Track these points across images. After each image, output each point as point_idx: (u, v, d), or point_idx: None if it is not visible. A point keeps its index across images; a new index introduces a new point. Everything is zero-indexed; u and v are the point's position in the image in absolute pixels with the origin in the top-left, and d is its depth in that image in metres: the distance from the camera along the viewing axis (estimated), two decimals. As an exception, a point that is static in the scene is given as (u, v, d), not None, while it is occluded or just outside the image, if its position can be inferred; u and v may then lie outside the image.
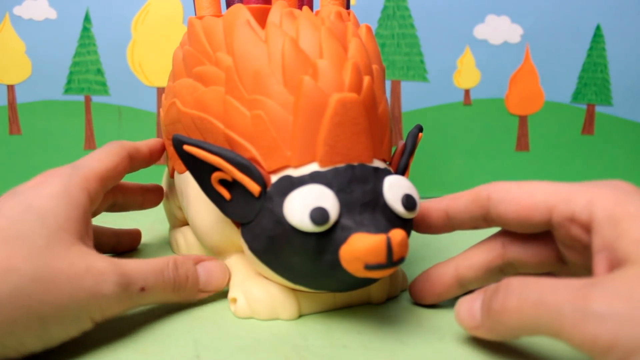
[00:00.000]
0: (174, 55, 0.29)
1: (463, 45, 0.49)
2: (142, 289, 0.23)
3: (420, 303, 0.26)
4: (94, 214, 0.30)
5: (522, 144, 0.51)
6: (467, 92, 0.50)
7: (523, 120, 0.50)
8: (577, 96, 0.50)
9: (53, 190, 0.23)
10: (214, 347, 0.22)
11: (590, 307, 0.17)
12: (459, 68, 0.50)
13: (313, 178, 0.22)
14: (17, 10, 0.47)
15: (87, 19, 0.47)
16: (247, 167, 0.23)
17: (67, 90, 0.48)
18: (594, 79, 0.50)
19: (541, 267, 0.24)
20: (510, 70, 0.50)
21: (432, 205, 0.25)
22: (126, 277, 0.22)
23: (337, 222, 0.21)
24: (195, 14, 0.32)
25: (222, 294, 0.27)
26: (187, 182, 0.28)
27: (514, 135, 0.51)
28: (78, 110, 0.48)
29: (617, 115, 0.50)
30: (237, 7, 0.26)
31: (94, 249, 0.23)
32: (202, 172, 0.24)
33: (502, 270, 0.24)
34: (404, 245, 0.21)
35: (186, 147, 0.23)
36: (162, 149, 0.32)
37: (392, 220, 0.22)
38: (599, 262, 0.19)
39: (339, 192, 0.22)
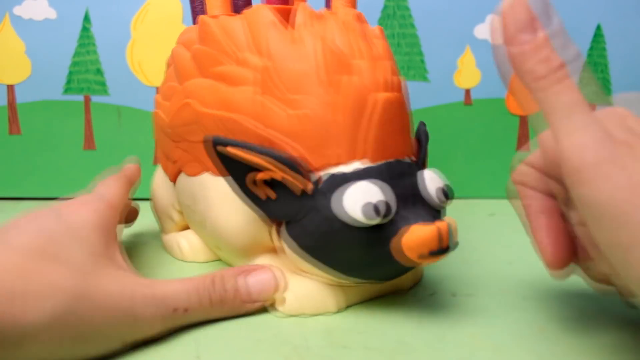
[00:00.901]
0: (177, 55, 0.29)
1: (463, 44, 0.49)
2: (186, 310, 0.23)
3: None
4: None
5: (523, 144, 0.51)
6: (467, 91, 0.50)
7: (524, 120, 0.50)
8: (577, 96, 0.50)
9: (90, 221, 0.24)
10: (214, 347, 0.22)
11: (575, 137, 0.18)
12: (459, 68, 0.49)
13: (364, 173, 0.23)
14: (17, 10, 0.47)
15: (86, 18, 0.47)
16: (294, 166, 0.23)
17: (67, 90, 0.48)
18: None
19: None
20: (511, 70, 0.50)
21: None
22: (166, 299, 0.22)
23: (395, 214, 0.23)
24: (206, 13, 0.32)
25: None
26: (206, 185, 0.28)
27: (515, 135, 0.50)
28: (77, 110, 0.48)
29: (618, 115, 0.50)
30: (259, 7, 0.26)
31: (131, 271, 0.23)
32: (242, 173, 0.24)
33: None
34: (456, 231, 0.23)
35: (228, 149, 0.23)
36: (139, 168, 0.33)
37: (434, 210, 0.24)
38: None
39: (392, 185, 0.23)
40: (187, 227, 0.34)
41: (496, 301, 0.27)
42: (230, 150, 0.23)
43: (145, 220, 0.36)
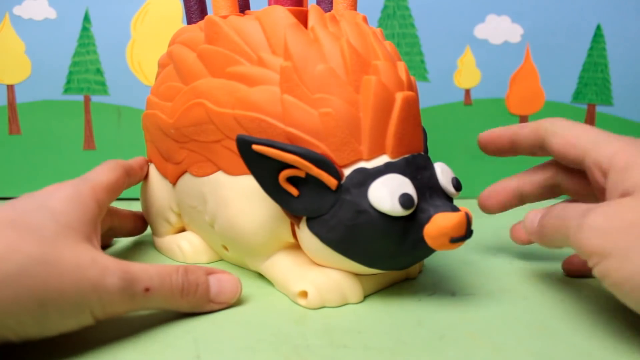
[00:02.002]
0: (178, 55, 0.29)
1: (463, 44, 0.49)
2: (147, 290, 0.23)
3: (486, 211, 0.32)
4: None
5: (522, 143, 0.51)
6: (467, 91, 0.50)
7: (524, 120, 0.50)
8: (577, 96, 0.50)
9: (65, 195, 0.24)
10: (214, 347, 0.22)
11: (583, 222, 0.21)
12: (459, 68, 0.49)
13: (389, 168, 0.24)
14: (17, 10, 0.47)
15: (86, 18, 0.47)
16: (324, 162, 0.24)
17: (67, 90, 0.48)
18: (594, 78, 0.50)
19: (578, 196, 0.29)
20: (511, 70, 0.50)
21: (501, 131, 0.30)
22: (130, 274, 0.22)
23: (416, 205, 0.24)
24: (204, 13, 0.32)
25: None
26: (220, 184, 0.28)
27: (515, 135, 0.50)
28: (77, 110, 0.48)
29: (618, 115, 0.50)
30: (274, 8, 0.26)
31: (101, 251, 0.23)
32: (268, 171, 0.24)
33: (552, 190, 0.30)
34: (472, 219, 0.24)
35: (256, 147, 0.23)
36: (147, 166, 0.34)
37: (448, 199, 0.26)
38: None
39: (412, 179, 0.24)
40: (182, 230, 0.34)
41: (496, 301, 0.27)
42: (258, 148, 0.23)
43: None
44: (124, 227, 0.34)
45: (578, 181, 0.29)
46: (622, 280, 0.20)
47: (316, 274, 0.26)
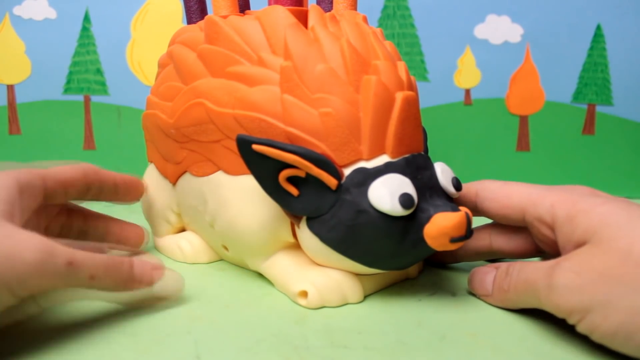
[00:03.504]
0: (178, 54, 0.29)
1: (463, 44, 0.49)
2: (70, 263, 0.22)
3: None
4: (61, 199, 0.29)
5: (522, 144, 0.51)
6: (467, 91, 0.50)
7: (524, 120, 0.50)
8: (577, 96, 0.50)
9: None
10: (214, 347, 0.22)
11: (552, 282, 0.22)
12: (459, 68, 0.49)
13: (389, 168, 0.24)
14: (17, 10, 0.47)
15: (86, 18, 0.47)
16: (324, 162, 0.24)
17: (67, 90, 0.48)
18: (594, 78, 0.50)
19: (522, 257, 0.29)
20: (511, 70, 0.50)
21: None
22: (50, 246, 0.21)
23: (417, 205, 0.24)
24: (204, 13, 0.32)
25: (221, 296, 0.27)
26: (220, 184, 0.28)
27: (515, 135, 0.50)
28: (77, 110, 0.48)
29: (618, 115, 0.50)
30: (274, 8, 0.26)
31: (20, 228, 0.22)
32: (268, 171, 0.24)
33: (490, 254, 0.29)
34: (472, 219, 0.24)
35: (256, 147, 0.23)
36: (132, 186, 0.31)
37: (448, 199, 0.26)
38: (565, 253, 0.23)
39: (412, 178, 0.24)
40: (182, 230, 0.34)
41: (496, 301, 0.27)
42: (258, 148, 0.23)
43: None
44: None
45: (519, 244, 0.28)
46: (613, 331, 0.20)
47: (316, 274, 0.26)
